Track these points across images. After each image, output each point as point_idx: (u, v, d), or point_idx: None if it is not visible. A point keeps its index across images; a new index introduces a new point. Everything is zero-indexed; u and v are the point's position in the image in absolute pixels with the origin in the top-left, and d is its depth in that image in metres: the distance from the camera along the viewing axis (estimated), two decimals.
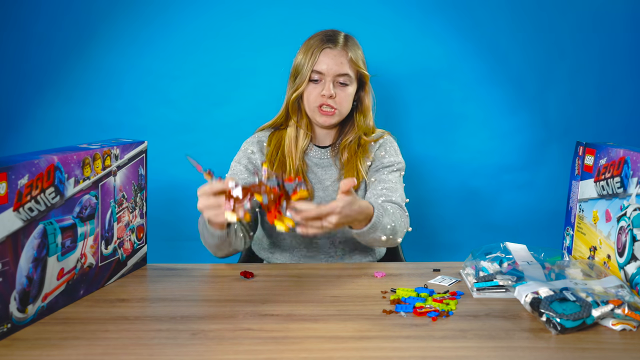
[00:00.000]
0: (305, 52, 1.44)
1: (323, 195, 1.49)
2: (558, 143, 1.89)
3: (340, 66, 1.42)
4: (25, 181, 0.94)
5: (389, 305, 1.07)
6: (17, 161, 0.93)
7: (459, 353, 0.87)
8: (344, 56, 1.43)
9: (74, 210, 1.07)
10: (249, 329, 0.97)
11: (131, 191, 1.27)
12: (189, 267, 1.33)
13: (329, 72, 1.42)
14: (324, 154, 1.52)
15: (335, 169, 1.51)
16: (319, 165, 1.51)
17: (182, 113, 1.87)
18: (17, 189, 0.92)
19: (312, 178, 1.50)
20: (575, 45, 1.87)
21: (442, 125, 1.90)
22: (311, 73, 1.43)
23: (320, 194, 1.49)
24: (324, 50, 1.42)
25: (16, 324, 0.94)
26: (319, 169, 1.51)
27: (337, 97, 1.43)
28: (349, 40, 1.47)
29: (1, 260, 0.89)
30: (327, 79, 1.42)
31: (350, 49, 1.44)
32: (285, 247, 1.50)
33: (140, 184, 1.31)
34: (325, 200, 1.48)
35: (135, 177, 1.29)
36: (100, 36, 1.84)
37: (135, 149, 1.27)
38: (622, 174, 1.13)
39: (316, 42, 1.44)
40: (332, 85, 1.42)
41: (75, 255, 1.09)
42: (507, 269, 1.14)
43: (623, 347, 0.90)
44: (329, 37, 1.44)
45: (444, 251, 1.94)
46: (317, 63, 1.42)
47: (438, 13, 1.85)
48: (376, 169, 1.49)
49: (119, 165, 1.22)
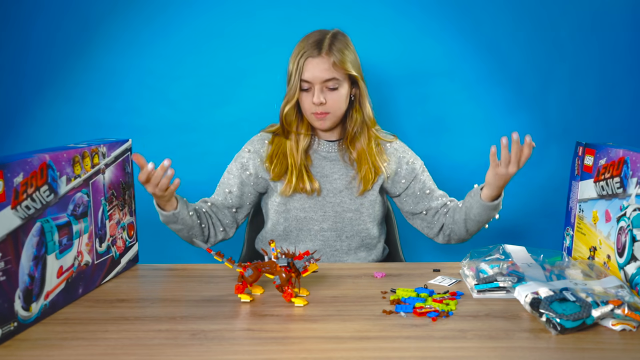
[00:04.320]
0: (293, 61, 1.45)
1: (330, 188, 1.51)
2: (558, 143, 1.89)
3: (324, 72, 1.42)
4: (21, 179, 0.94)
5: (389, 305, 1.07)
6: (12, 160, 0.93)
7: (459, 353, 0.87)
8: (327, 62, 1.42)
9: (68, 208, 1.08)
10: (248, 329, 0.97)
11: (120, 189, 1.28)
12: (188, 267, 1.33)
13: (315, 80, 1.43)
14: (331, 147, 1.54)
15: (342, 163, 1.53)
16: (327, 158, 1.53)
17: (181, 113, 1.87)
18: (13, 187, 0.92)
19: (319, 172, 1.52)
20: (575, 46, 1.87)
21: (442, 125, 1.90)
22: (301, 83, 1.44)
23: (327, 187, 1.51)
24: (307, 60, 1.43)
25: (22, 323, 0.95)
26: (327, 162, 1.53)
27: (328, 102, 1.44)
28: (335, 42, 1.44)
29: (3, 259, 0.89)
30: (315, 87, 1.43)
31: (334, 53, 1.43)
32: (291, 241, 1.51)
33: (128, 181, 1.32)
34: (332, 193, 1.51)
35: (123, 175, 1.30)
36: (100, 36, 1.84)
37: (120, 147, 1.28)
38: (621, 174, 1.13)
39: (301, 50, 1.44)
40: (321, 91, 1.44)
41: (72, 253, 1.09)
42: (508, 269, 1.14)
43: (623, 347, 0.90)
44: (312, 44, 1.44)
45: (444, 251, 1.94)
46: (304, 72, 1.43)
47: (438, 13, 1.85)
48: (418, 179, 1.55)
49: (107, 163, 1.22)
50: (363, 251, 1.54)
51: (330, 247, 1.51)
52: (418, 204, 1.55)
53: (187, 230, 1.45)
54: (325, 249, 1.51)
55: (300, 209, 1.50)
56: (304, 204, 1.50)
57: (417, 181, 1.55)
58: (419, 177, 1.55)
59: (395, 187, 1.55)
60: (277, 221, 1.52)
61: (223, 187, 1.54)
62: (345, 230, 1.51)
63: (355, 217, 1.51)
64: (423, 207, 1.54)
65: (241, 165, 1.53)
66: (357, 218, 1.51)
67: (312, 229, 1.51)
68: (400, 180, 1.55)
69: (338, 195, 1.51)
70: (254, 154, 1.53)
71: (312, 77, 1.43)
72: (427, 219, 1.55)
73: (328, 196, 1.51)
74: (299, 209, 1.50)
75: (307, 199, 1.50)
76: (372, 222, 1.53)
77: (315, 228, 1.50)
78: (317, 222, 1.50)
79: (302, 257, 1.09)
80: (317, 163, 1.53)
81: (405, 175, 1.55)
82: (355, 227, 1.51)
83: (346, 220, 1.51)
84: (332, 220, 1.51)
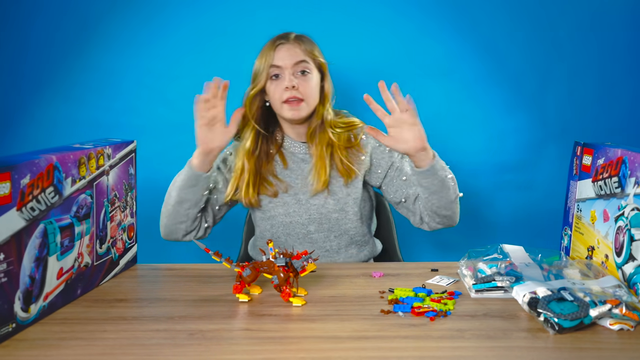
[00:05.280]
0: (260, 56, 1.48)
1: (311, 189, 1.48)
2: (556, 143, 1.89)
3: (295, 55, 1.45)
4: (27, 181, 0.94)
5: (387, 305, 1.07)
6: (19, 161, 0.93)
7: (457, 353, 0.87)
8: (298, 47, 1.46)
9: (71, 209, 1.08)
10: (246, 329, 0.97)
11: (122, 190, 1.28)
12: (186, 267, 1.33)
13: (286, 64, 1.44)
14: (301, 148, 1.53)
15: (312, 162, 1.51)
16: (304, 160, 1.52)
17: (180, 113, 1.87)
18: (19, 189, 0.92)
19: (299, 175, 1.51)
20: (574, 45, 1.87)
21: (440, 125, 1.90)
22: (269, 69, 1.45)
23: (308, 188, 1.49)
24: (277, 46, 1.45)
25: (20, 324, 0.95)
26: (304, 164, 1.52)
27: (301, 87, 1.44)
28: (301, 36, 1.50)
29: (6, 260, 0.89)
30: (286, 72, 1.44)
31: (304, 41, 1.48)
32: (280, 244, 1.50)
33: (130, 183, 1.32)
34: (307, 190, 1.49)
35: (126, 177, 1.29)
36: (98, 36, 1.84)
37: (125, 148, 1.28)
38: (619, 173, 1.13)
39: (268, 44, 1.48)
40: (293, 76, 1.44)
41: (73, 254, 1.09)
42: (506, 269, 1.14)
43: (620, 346, 0.90)
44: (280, 36, 1.48)
45: (442, 251, 1.94)
46: (274, 59, 1.45)
47: (437, 13, 1.85)
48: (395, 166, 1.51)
49: (111, 165, 1.22)
50: (354, 248, 1.53)
51: (320, 247, 1.50)
52: (397, 192, 1.49)
53: (190, 206, 1.40)
54: (316, 251, 1.50)
55: (284, 214, 1.48)
56: (288, 209, 1.48)
57: (392, 168, 1.50)
58: (395, 164, 1.50)
59: (373, 178, 1.52)
60: (264, 228, 1.51)
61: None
62: (332, 230, 1.49)
63: (341, 217, 1.48)
64: (402, 195, 1.49)
65: (225, 165, 1.52)
66: (343, 217, 1.49)
67: (299, 233, 1.49)
68: (377, 170, 1.51)
69: (321, 196, 1.49)
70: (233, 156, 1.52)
71: (283, 61, 1.44)
72: (408, 206, 1.49)
73: (312, 198, 1.49)
74: (283, 214, 1.48)
75: (291, 204, 1.48)
76: (358, 219, 1.50)
77: (303, 231, 1.49)
78: (303, 225, 1.48)
79: (300, 256, 1.09)
80: (294, 166, 1.51)
81: (382, 164, 1.51)
82: (343, 226, 1.49)
83: (332, 220, 1.48)
84: (317, 222, 1.48)
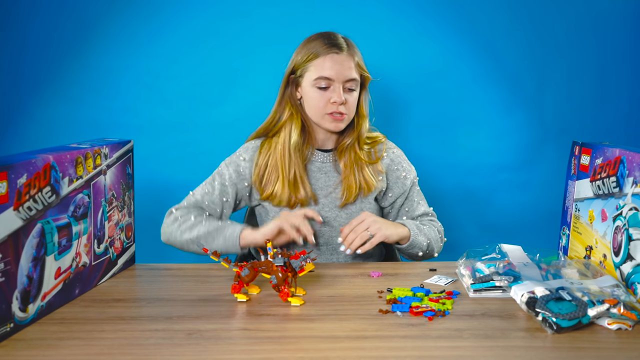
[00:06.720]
0: (307, 55, 1.39)
1: (325, 202, 1.45)
2: (554, 143, 1.89)
3: (349, 71, 1.37)
4: (24, 180, 0.94)
5: (385, 304, 1.07)
6: (16, 160, 0.93)
7: (455, 352, 0.87)
8: (351, 61, 1.38)
9: (68, 209, 1.08)
10: (245, 328, 0.97)
11: (120, 190, 1.28)
12: (184, 266, 1.33)
13: (338, 78, 1.37)
14: (326, 158, 1.47)
15: (336, 174, 1.47)
16: (321, 170, 1.47)
17: (178, 113, 1.87)
18: (16, 188, 0.92)
19: (314, 183, 1.46)
20: (572, 45, 1.87)
21: (439, 124, 1.90)
22: (318, 80, 1.37)
23: (322, 201, 1.45)
24: (331, 55, 1.37)
25: (18, 324, 0.94)
26: (321, 174, 1.46)
27: (347, 103, 1.39)
28: (350, 43, 1.42)
29: (3, 260, 0.89)
30: (337, 85, 1.37)
31: (355, 53, 1.41)
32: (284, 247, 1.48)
33: (128, 182, 1.32)
34: (327, 207, 1.45)
35: (124, 176, 1.29)
36: (97, 36, 1.84)
37: (122, 148, 1.28)
38: (617, 173, 1.14)
39: (319, 46, 1.38)
40: (343, 91, 1.38)
41: (70, 254, 1.09)
42: (504, 269, 1.14)
43: (619, 346, 0.90)
44: (331, 41, 1.39)
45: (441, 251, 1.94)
46: (325, 69, 1.36)
47: (434, 13, 1.85)
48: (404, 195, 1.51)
49: (109, 164, 1.22)
50: (360, 260, 1.50)
51: (326, 259, 1.47)
52: (396, 218, 1.53)
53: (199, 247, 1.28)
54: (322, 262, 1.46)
55: None
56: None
57: (403, 197, 1.51)
58: (405, 193, 1.51)
59: (383, 199, 1.52)
60: None
61: (220, 196, 1.45)
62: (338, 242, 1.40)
63: None
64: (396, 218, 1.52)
65: (237, 174, 1.45)
66: None
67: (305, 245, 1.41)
68: (389, 193, 1.51)
69: (334, 210, 1.45)
70: (249, 162, 1.46)
71: (336, 75, 1.36)
72: None
73: (323, 210, 1.44)
74: None
75: None
76: None
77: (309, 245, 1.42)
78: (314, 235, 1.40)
79: (298, 256, 1.09)
80: (311, 175, 1.46)
81: (394, 189, 1.50)
82: None
83: None
84: (327, 235, 1.45)
